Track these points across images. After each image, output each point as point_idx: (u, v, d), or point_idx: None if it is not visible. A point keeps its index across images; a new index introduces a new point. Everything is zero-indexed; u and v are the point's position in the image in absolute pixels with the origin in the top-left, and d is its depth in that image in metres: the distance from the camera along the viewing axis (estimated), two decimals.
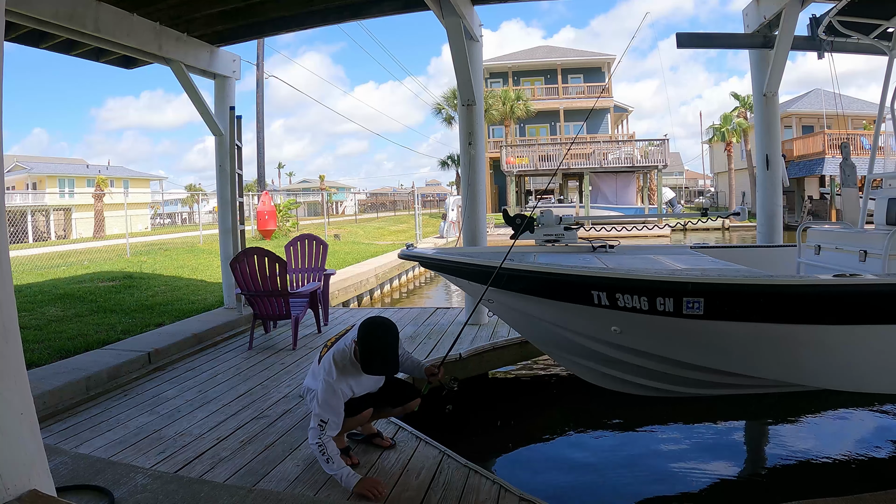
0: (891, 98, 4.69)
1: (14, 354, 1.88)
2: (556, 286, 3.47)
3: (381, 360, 2.76)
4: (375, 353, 2.76)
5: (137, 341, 5.46)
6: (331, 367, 2.81)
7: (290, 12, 6.09)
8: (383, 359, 2.77)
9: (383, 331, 2.80)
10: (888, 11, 4.28)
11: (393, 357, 2.80)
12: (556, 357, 4.42)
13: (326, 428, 2.72)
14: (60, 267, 11.19)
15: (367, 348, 2.76)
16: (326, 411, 2.74)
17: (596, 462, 4.17)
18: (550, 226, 4.64)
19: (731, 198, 33.37)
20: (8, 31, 5.11)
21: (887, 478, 3.71)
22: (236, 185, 6.73)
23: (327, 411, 2.74)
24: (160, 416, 3.83)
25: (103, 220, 26.72)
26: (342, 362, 2.83)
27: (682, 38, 5.99)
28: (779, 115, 6.16)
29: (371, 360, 2.76)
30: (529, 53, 37.97)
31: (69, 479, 2.67)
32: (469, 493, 2.73)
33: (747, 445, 4.61)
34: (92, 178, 32.22)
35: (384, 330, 2.80)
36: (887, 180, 4.68)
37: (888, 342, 3.07)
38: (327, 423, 2.72)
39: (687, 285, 3.11)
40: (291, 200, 22.41)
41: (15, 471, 1.83)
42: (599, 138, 32.79)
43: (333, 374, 2.79)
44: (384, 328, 2.81)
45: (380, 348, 2.77)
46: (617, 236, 18.66)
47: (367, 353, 2.76)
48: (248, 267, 5.41)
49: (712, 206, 36.91)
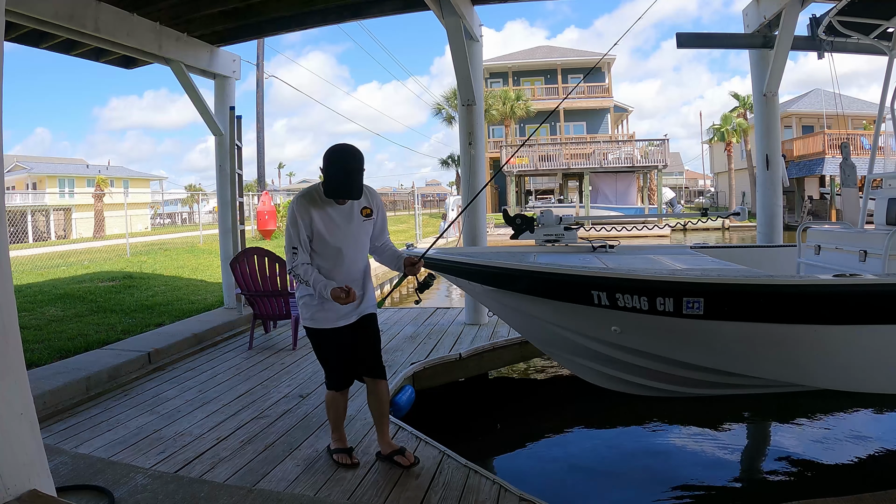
0: (891, 98, 4.69)
1: (14, 354, 1.88)
2: (556, 286, 3.47)
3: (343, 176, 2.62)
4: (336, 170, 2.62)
5: (137, 341, 5.46)
6: (296, 197, 2.81)
7: (289, 12, 6.09)
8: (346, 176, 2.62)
9: (345, 153, 2.65)
10: (888, 11, 4.28)
11: (357, 179, 2.65)
12: (556, 357, 4.42)
13: (297, 257, 2.74)
14: (60, 267, 11.19)
15: (328, 169, 2.63)
16: (288, 240, 2.76)
17: (596, 462, 4.17)
18: (550, 226, 4.64)
19: (731, 198, 33.36)
20: (8, 31, 5.11)
21: (887, 478, 3.71)
22: (236, 185, 6.73)
23: (290, 238, 2.75)
24: (160, 416, 3.83)
25: (103, 220, 26.73)
26: (307, 192, 2.79)
27: (682, 38, 6.00)
28: (779, 115, 6.15)
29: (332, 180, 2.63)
30: (529, 53, 37.97)
31: (69, 479, 2.67)
32: (469, 493, 2.73)
33: (747, 445, 4.61)
34: (92, 178, 32.22)
35: (347, 153, 2.65)
36: (887, 180, 4.68)
37: (888, 342, 3.08)
38: (297, 251, 2.74)
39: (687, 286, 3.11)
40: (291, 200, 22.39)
41: (15, 471, 1.83)
42: (599, 138, 32.79)
43: (296, 202, 2.76)
44: (347, 151, 2.66)
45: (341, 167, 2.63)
46: (617, 236, 18.66)
47: (327, 174, 2.64)
48: (248, 267, 5.41)
49: (712, 206, 36.91)
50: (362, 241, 2.92)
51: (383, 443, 3.11)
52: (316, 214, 2.74)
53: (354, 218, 2.83)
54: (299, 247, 2.73)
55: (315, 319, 2.88)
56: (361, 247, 2.93)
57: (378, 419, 3.09)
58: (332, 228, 2.78)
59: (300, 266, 2.73)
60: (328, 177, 2.65)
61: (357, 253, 2.90)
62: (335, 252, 2.80)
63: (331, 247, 2.79)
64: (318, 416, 3.76)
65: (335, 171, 2.63)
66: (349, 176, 2.63)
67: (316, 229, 2.75)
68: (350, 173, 2.63)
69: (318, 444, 3.32)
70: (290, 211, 2.76)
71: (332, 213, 2.78)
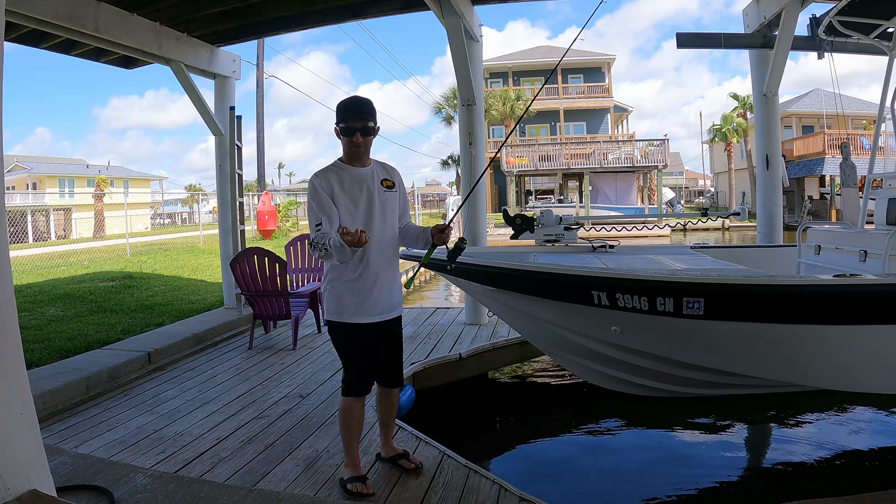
0: (891, 98, 4.70)
1: (14, 354, 1.88)
2: (556, 286, 3.47)
3: (353, 99, 2.67)
4: (347, 101, 2.66)
5: (137, 341, 5.46)
6: (313, 175, 2.71)
7: (289, 12, 6.09)
8: (355, 99, 2.68)
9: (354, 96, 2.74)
10: (888, 11, 4.28)
11: (368, 105, 2.66)
12: (556, 357, 4.41)
13: (321, 230, 2.58)
14: (60, 267, 11.19)
15: (340, 106, 2.65)
16: (313, 215, 2.62)
17: (595, 462, 4.17)
18: (550, 226, 4.64)
19: (731, 198, 33.37)
20: (8, 31, 5.11)
21: (887, 478, 3.71)
22: (236, 185, 6.73)
23: (314, 214, 2.62)
24: (160, 416, 3.83)
25: (103, 220, 26.74)
26: (324, 168, 2.73)
27: (682, 38, 6.00)
28: (779, 115, 6.16)
29: (344, 107, 2.63)
30: (529, 53, 37.96)
31: (69, 479, 2.67)
32: (469, 493, 2.73)
33: (747, 445, 4.61)
34: (92, 178, 32.23)
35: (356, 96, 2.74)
36: (887, 180, 4.69)
37: (888, 342, 3.07)
38: (320, 226, 2.58)
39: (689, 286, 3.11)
40: (291, 200, 22.41)
41: (15, 471, 1.83)
42: (599, 138, 32.79)
43: (314, 177, 2.68)
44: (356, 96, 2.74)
45: (351, 98, 2.69)
46: (617, 236, 18.65)
47: (340, 109, 2.64)
48: (248, 267, 5.41)
49: (712, 206, 36.91)
50: (389, 214, 2.76)
51: (387, 447, 3.07)
52: (336, 183, 2.64)
53: (376, 186, 2.72)
54: (324, 219, 2.58)
55: (341, 312, 2.70)
56: (389, 220, 2.76)
57: (386, 424, 3.04)
58: (355, 196, 2.66)
59: (321, 235, 2.53)
60: (341, 109, 2.64)
61: (385, 225, 2.74)
62: (361, 223, 2.64)
63: (356, 217, 2.65)
64: (318, 416, 3.76)
65: (346, 101, 2.66)
66: (358, 99, 2.69)
67: (339, 198, 2.64)
68: (359, 99, 2.69)
69: (318, 444, 3.32)
70: (309, 187, 2.66)
71: (353, 181, 2.68)
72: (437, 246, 2.74)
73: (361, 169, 2.71)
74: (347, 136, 2.64)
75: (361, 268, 2.67)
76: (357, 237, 2.29)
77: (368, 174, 2.72)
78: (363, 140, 2.65)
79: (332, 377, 4.58)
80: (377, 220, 2.69)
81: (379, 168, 2.79)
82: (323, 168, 2.71)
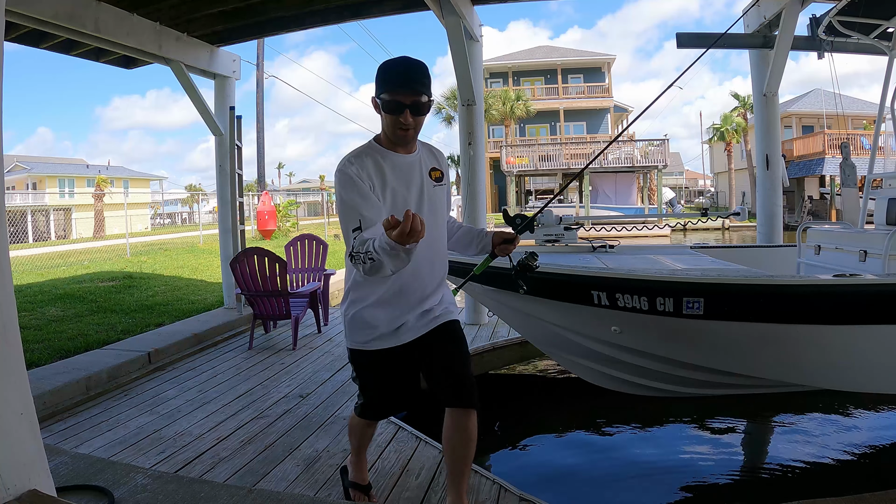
0: (891, 98, 4.70)
1: (14, 354, 1.88)
2: (556, 286, 3.47)
3: (402, 62, 1.94)
4: (393, 62, 1.94)
5: (137, 341, 5.46)
6: (342, 162, 1.97)
7: (289, 12, 6.09)
8: (405, 61, 1.94)
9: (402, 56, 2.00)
10: (888, 11, 4.29)
11: (422, 72, 1.92)
12: (556, 357, 4.42)
13: (363, 231, 1.82)
14: (60, 267, 11.19)
15: (382, 68, 1.94)
16: (350, 210, 1.86)
17: (596, 462, 4.16)
18: (550, 226, 4.65)
19: (731, 198, 33.37)
20: (8, 31, 5.11)
21: (887, 478, 3.71)
22: (236, 185, 6.73)
23: (350, 212, 1.86)
24: (160, 416, 3.83)
25: (103, 220, 26.76)
26: (355, 151, 2.02)
27: (682, 38, 6.00)
28: (779, 115, 6.16)
29: (389, 70, 1.93)
30: (529, 53, 37.97)
31: (69, 479, 2.67)
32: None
33: (747, 445, 4.61)
34: (92, 178, 32.25)
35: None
36: (887, 180, 4.69)
37: (888, 342, 3.08)
38: (360, 227, 1.83)
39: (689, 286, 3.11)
40: (291, 200, 22.42)
41: (15, 471, 1.83)
42: (599, 138, 32.80)
43: (345, 164, 1.95)
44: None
45: (399, 59, 1.96)
46: (617, 236, 18.66)
47: (383, 73, 1.93)
48: (248, 267, 5.41)
49: (712, 206, 36.92)
50: (440, 217, 2.15)
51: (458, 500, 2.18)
52: (376, 174, 1.96)
53: (424, 178, 2.08)
54: (363, 219, 1.84)
55: (371, 340, 2.11)
56: (440, 225, 2.16)
57: (460, 465, 2.13)
58: (401, 192, 2.01)
59: (359, 244, 1.75)
60: (385, 75, 1.92)
61: (436, 232, 2.12)
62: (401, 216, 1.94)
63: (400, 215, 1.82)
64: (318, 416, 3.76)
65: (393, 65, 1.94)
66: (409, 63, 1.94)
67: (380, 196, 1.96)
68: (410, 62, 1.95)
69: (318, 444, 3.32)
70: (339, 178, 1.93)
71: (399, 172, 2.02)
72: (497, 258, 2.27)
73: (408, 156, 2.05)
74: (392, 113, 1.92)
75: (401, 284, 2.04)
76: (408, 225, 1.50)
77: (416, 163, 2.07)
78: (413, 121, 1.94)
79: (332, 377, 4.59)
80: (427, 224, 1.86)
81: (426, 154, 2.14)
82: (355, 151, 2.02)
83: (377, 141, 2.04)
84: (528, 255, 2.35)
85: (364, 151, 2.00)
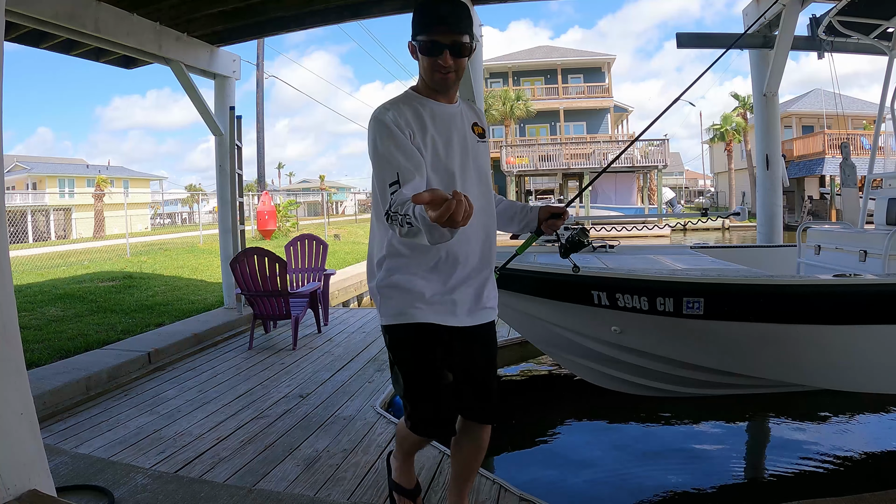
0: (891, 98, 4.70)
1: (14, 354, 1.88)
2: (556, 286, 3.47)
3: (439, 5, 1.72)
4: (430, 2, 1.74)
5: (137, 341, 5.46)
6: (377, 110, 1.74)
7: (289, 12, 6.09)
8: (442, 4, 1.72)
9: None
10: (888, 11, 4.29)
11: (462, 10, 1.72)
12: (556, 357, 4.42)
13: (401, 186, 1.56)
14: (60, 267, 11.19)
15: (420, 11, 1.74)
16: (386, 162, 1.62)
17: (596, 462, 4.16)
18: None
19: (731, 198, 33.38)
20: (8, 31, 5.11)
21: (887, 478, 3.71)
22: (236, 185, 6.73)
23: (385, 164, 1.61)
24: (160, 416, 3.83)
25: (103, 220, 26.76)
26: (390, 101, 1.78)
27: (682, 38, 6.00)
28: (779, 115, 6.16)
29: (425, 17, 1.72)
30: (529, 53, 37.97)
31: (69, 479, 2.67)
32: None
33: (747, 445, 4.61)
34: (92, 178, 32.26)
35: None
36: (887, 180, 4.69)
37: (888, 342, 3.08)
38: (398, 180, 1.57)
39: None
40: (291, 200, 22.42)
41: (15, 471, 1.83)
42: (599, 138, 32.81)
43: (381, 112, 1.72)
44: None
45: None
46: (617, 236, 18.66)
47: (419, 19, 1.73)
48: (248, 267, 5.41)
49: (712, 206, 36.94)
50: (485, 177, 1.90)
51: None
52: (416, 122, 1.73)
53: (467, 132, 1.85)
54: (402, 172, 1.58)
55: (410, 310, 1.76)
56: (486, 185, 1.90)
57: (466, 476, 2.14)
58: (444, 145, 1.76)
59: (398, 203, 1.50)
60: (421, 15, 1.73)
61: (483, 191, 1.87)
62: (450, 181, 1.75)
63: (443, 170, 1.75)
64: (318, 416, 3.76)
65: (428, 1, 1.75)
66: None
67: (422, 148, 1.71)
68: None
69: (318, 444, 3.32)
70: (374, 127, 1.69)
71: (440, 123, 1.78)
72: (543, 235, 2.06)
73: (449, 107, 1.83)
74: (430, 55, 1.72)
75: (454, 252, 1.77)
76: (455, 208, 1.22)
77: (458, 115, 1.84)
78: (454, 63, 1.74)
79: (332, 377, 4.59)
80: (473, 182, 1.81)
81: (466, 108, 1.92)
82: (392, 99, 1.79)
83: (415, 90, 1.83)
84: (580, 231, 2.15)
85: (401, 99, 1.79)
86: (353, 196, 50.50)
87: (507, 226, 2.10)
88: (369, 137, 1.70)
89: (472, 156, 1.84)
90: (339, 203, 51.36)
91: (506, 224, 2.10)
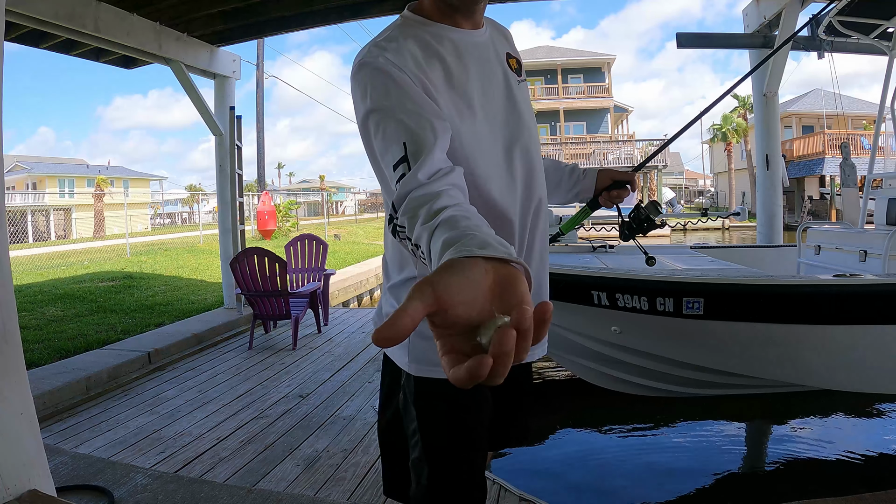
0: (891, 98, 4.70)
1: (14, 354, 1.88)
2: (555, 286, 3.48)
3: None
4: None
5: (137, 341, 5.46)
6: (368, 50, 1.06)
7: (289, 12, 6.09)
8: None
9: None
10: (888, 11, 4.29)
11: None
12: (556, 357, 4.42)
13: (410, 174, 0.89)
14: (60, 267, 11.19)
15: None
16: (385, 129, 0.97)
17: (596, 462, 4.17)
18: (550, 226, 4.64)
19: (731, 198, 33.37)
20: (8, 31, 5.11)
21: (887, 478, 3.71)
22: (236, 185, 6.73)
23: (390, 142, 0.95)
24: (160, 416, 3.84)
25: (103, 220, 26.77)
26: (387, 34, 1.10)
27: (682, 38, 6.00)
28: (779, 115, 6.16)
29: None
30: (529, 53, 37.96)
31: (69, 479, 2.67)
32: None
33: (747, 445, 4.61)
34: (92, 178, 32.25)
35: None
36: (887, 180, 4.69)
37: (888, 342, 3.08)
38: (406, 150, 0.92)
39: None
40: (291, 201, 22.42)
41: (15, 471, 1.83)
42: (599, 138, 32.82)
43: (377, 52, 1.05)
44: None
45: None
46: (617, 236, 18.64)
47: None
48: (248, 267, 5.41)
49: (712, 206, 36.93)
50: (534, 126, 1.25)
51: None
52: (426, 60, 1.07)
53: (506, 71, 1.20)
54: (412, 140, 0.93)
55: (425, 357, 1.17)
56: (536, 136, 1.25)
57: None
58: (473, 89, 1.11)
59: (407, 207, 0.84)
60: None
61: (536, 150, 1.23)
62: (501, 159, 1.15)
63: (478, 143, 1.09)
64: (318, 416, 3.76)
65: None
66: None
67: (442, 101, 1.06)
68: None
69: (318, 444, 3.32)
70: (368, 75, 1.03)
71: (463, 58, 1.11)
72: (600, 208, 1.54)
73: (475, 33, 1.16)
74: None
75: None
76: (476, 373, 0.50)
77: (489, 45, 1.18)
78: None
79: (332, 377, 4.59)
80: (527, 156, 1.19)
81: (495, 32, 1.24)
82: (386, 33, 1.11)
83: (418, 11, 1.15)
84: (650, 206, 1.65)
85: (400, 31, 1.10)
86: (354, 196, 50.53)
87: (552, 193, 1.50)
88: (354, 98, 1.06)
89: (518, 109, 1.19)
90: (339, 203, 51.39)
91: (552, 191, 1.49)
